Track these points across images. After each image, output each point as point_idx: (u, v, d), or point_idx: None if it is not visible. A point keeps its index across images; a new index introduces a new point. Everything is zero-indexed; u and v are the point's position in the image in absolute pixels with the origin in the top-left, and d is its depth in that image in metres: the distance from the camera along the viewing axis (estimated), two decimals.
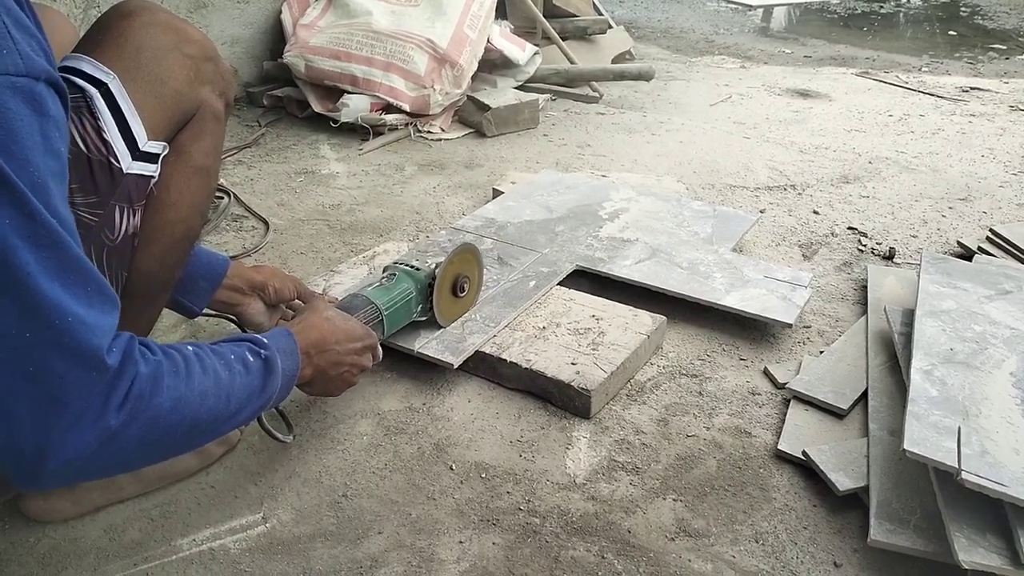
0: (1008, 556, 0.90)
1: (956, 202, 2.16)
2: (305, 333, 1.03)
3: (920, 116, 2.97)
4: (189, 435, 0.80)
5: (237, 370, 0.85)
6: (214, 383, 0.81)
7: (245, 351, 0.89)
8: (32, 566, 1.01)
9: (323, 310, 1.10)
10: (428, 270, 1.32)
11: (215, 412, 0.81)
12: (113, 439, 0.70)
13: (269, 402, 0.92)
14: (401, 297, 1.27)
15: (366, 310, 1.21)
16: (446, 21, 2.71)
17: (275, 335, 0.97)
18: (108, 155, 0.91)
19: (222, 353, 0.85)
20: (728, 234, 1.75)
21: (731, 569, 1.01)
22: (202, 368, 0.80)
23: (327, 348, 1.05)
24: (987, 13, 5.61)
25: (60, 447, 0.68)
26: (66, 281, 0.68)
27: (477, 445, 1.22)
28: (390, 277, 1.30)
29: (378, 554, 1.03)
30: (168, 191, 0.99)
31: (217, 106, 1.03)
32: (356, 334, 1.11)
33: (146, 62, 0.94)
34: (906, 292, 1.57)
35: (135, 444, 0.73)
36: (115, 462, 0.75)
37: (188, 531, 1.06)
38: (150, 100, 0.94)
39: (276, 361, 0.91)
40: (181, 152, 1.00)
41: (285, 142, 2.59)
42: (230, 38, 2.94)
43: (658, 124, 2.82)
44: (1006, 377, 1.14)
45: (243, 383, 0.86)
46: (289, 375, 0.96)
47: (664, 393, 1.35)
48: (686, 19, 5.29)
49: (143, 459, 0.79)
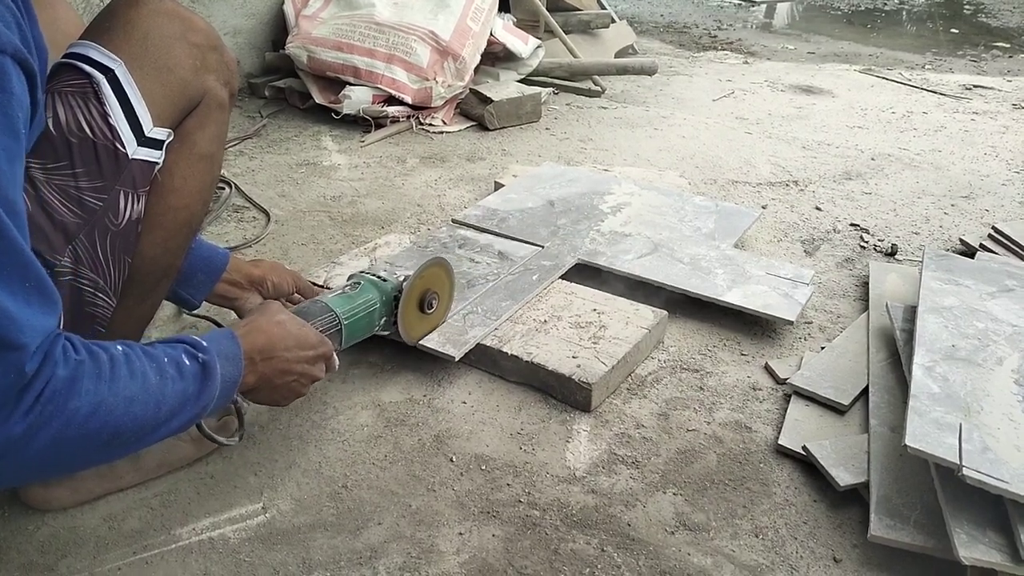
0: (1009, 552, 0.90)
1: (958, 199, 2.15)
2: (251, 337, 0.96)
3: (923, 113, 2.96)
4: (111, 443, 0.74)
5: (170, 375, 0.80)
6: (141, 388, 0.76)
7: (181, 354, 0.83)
8: (31, 554, 1.01)
9: (274, 313, 1.03)
10: (395, 282, 1.25)
11: (142, 419, 0.76)
12: (17, 446, 0.66)
13: (206, 409, 0.86)
14: (363, 308, 1.20)
15: (324, 317, 1.13)
16: (449, 13, 2.70)
17: (216, 337, 0.91)
18: (114, 140, 0.91)
19: (155, 356, 0.80)
20: (730, 230, 1.75)
21: (730, 563, 1.01)
22: (129, 371, 0.75)
23: (274, 355, 0.98)
24: (991, 11, 5.60)
25: None
26: (0, 274, 0.63)
27: (477, 437, 1.22)
28: (354, 286, 1.23)
29: (378, 545, 1.03)
30: (172, 177, 0.99)
31: (221, 95, 1.03)
32: (308, 341, 1.04)
33: (152, 49, 0.94)
34: (908, 289, 1.57)
35: (45, 451, 0.68)
36: (22, 470, 0.70)
37: (188, 520, 1.06)
38: (156, 87, 0.94)
39: (215, 366, 0.85)
40: (185, 139, 1.00)
41: (287, 133, 2.59)
42: (232, 28, 2.93)
43: (661, 119, 2.81)
44: (1008, 374, 1.14)
45: (176, 389, 0.80)
46: (229, 381, 0.89)
47: (665, 387, 1.34)
48: (689, 14, 5.28)
49: (58, 467, 0.73)
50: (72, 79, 0.90)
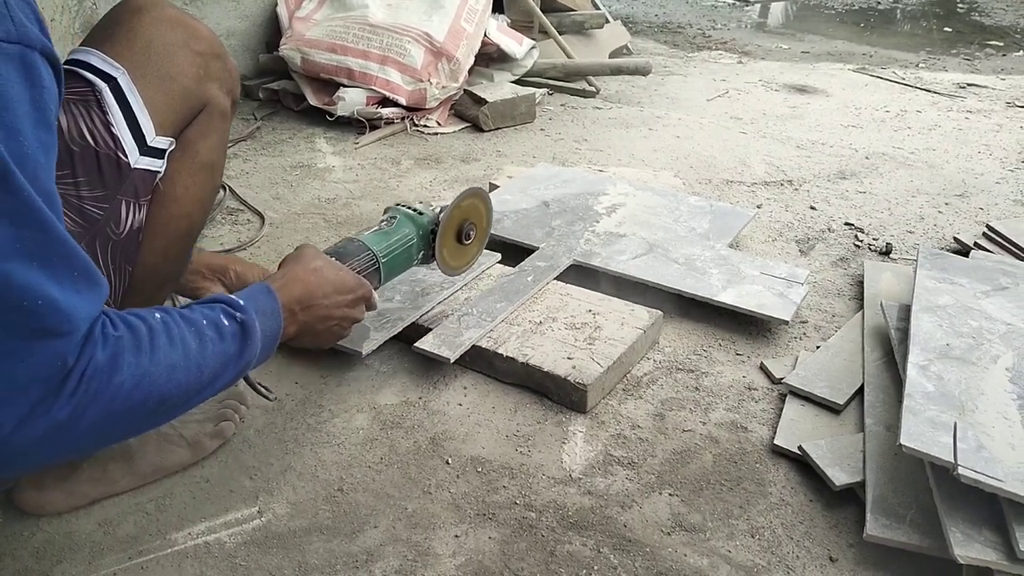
0: (1004, 551, 0.90)
1: (953, 198, 2.16)
2: (288, 288, 0.96)
3: (917, 112, 2.97)
4: (158, 410, 0.75)
5: (209, 337, 0.79)
6: (182, 354, 0.76)
7: (219, 314, 0.82)
8: (26, 560, 1.00)
9: (310, 260, 1.03)
10: (431, 215, 1.22)
11: (185, 385, 0.76)
12: (66, 428, 0.67)
13: (249, 365, 0.86)
14: (400, 244, 1.17)
15: (361, 257, 1.12)
16: (443, 15, 2.70)
17: (253, 293, 0.90)
18: (116, 149, 0.91)
19: (193, 320, 0.79)
20: (725, 229, 1.75)
21: (727, 563, 1.01)
22: (169, 339, 0.75)
23: (313, 303, 0.99)
24: (984, 9, 5.61)
25: (9, 436, 0.64)
26: (47, 263, 0.64)
27: (473, 439, 1.22)
28: (390, 220, 1.20)
29: (374, 548, 1.03)
30: (174, 186, 0.99)
31: (224, 103, 1.03)
32: (347, 285, 1.04)
33: (155, 58, 0.94)
34: (902, 288, 1.57)
35: (94, 428, 0.69)
36: (70, 447, 0.71)
37: (183, 525, 1.06)
38: (158, 96, 0.94)
39: (253, 324, 0.85)
40: (187, 148, 0.99)
41: (281, 135, 2.58)
42: (226, 31, 2.92)
43: (655, 119, 2.81)
44: (1002, 372, 1.14)
45: (216, 351, 0.80)
46: (270, 335, 0.89)
47: (660, 388, 1.34)
48: (683, 14, 5.28)
49: (110, 439, 0.75)
50: (74, 86, 0.89)
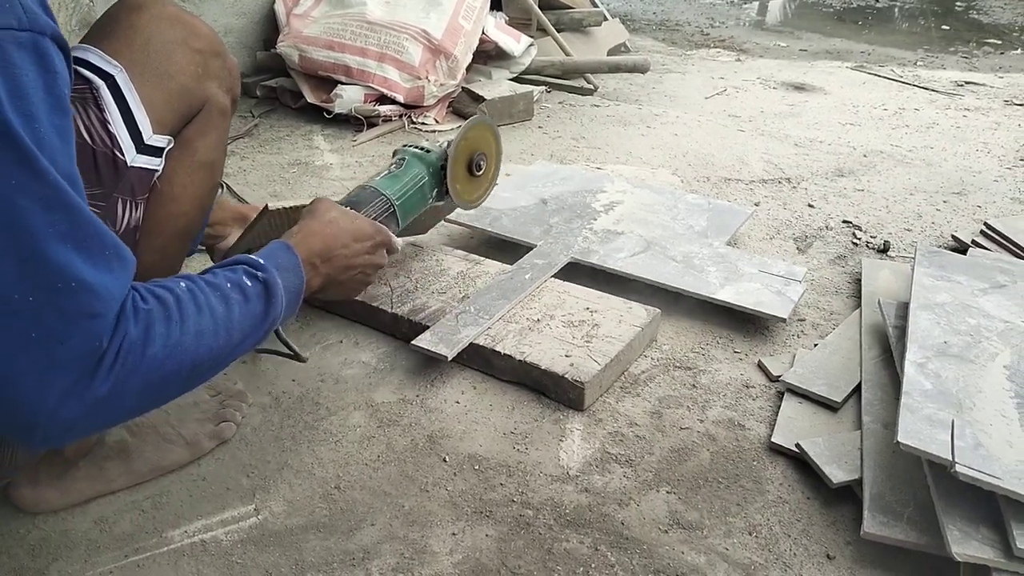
0: (1001, 549, 0.90)
1: (951, 196, 2.16)
2: (307, 242, 0.97)
3: (915, 110, 2.97)
4: (192, 375, 0.77)
5: (235, 300, 0.81)
6: (210, 320, 0.78)
7: (242, 276, 0.84)
8: (22, 557, 1.00)
9: (325, 212, 1.04)
10: (439, 151, 1.22)
11: (215, 349, 0.78)
12: (108, 403, 0.69)
13: (276, 323, 0.88)
14: (412, 184, 1.17)
15: (375, 203, 1.13)
16: (441, 12, 2.70)
17: (272, 252, 0.92)
18: (113, 147, 0.90)
19: (217, 284, 0.81)
20: (723, 227, 1.75)
21: (724, 561, 1.01)
22: (196, 307, 0.77)
23: (333, 254, 1.00)
24: (982, 8, 5.62)
25: (55, 412, 0.66)
26: (80, 244, 0.66)
27: (471, 437, 1.22)
28: (399, 162, 1.20)
29: (371, 546, 1.03)
30: (172, 185, 0.98)
31: (223, 102, 1.03)
32: (365, 232, 1.05)
33: (154, 56, 0.94)
34: (900, 285, 1.57)
35: (132, 399, 0.72)
36: (114, 418, 0.74)
37: (179, 523, 1.06)
38: (157, 94, 0.94)
39: (275, 281, 0.87)
40: (186, 147, 0.99)
41: (278, 133, 2.58)
42: (223, 28, 2.91)
43: (653, 117, 2.81)
44: (1000, 370, 1.14)
45: (242, 312, 0.82)
46: (294, 290, 0.92)
47: (658, 385, 1.34)
48: (682, 12, 5.28)
49: (148, 406, 0.78)
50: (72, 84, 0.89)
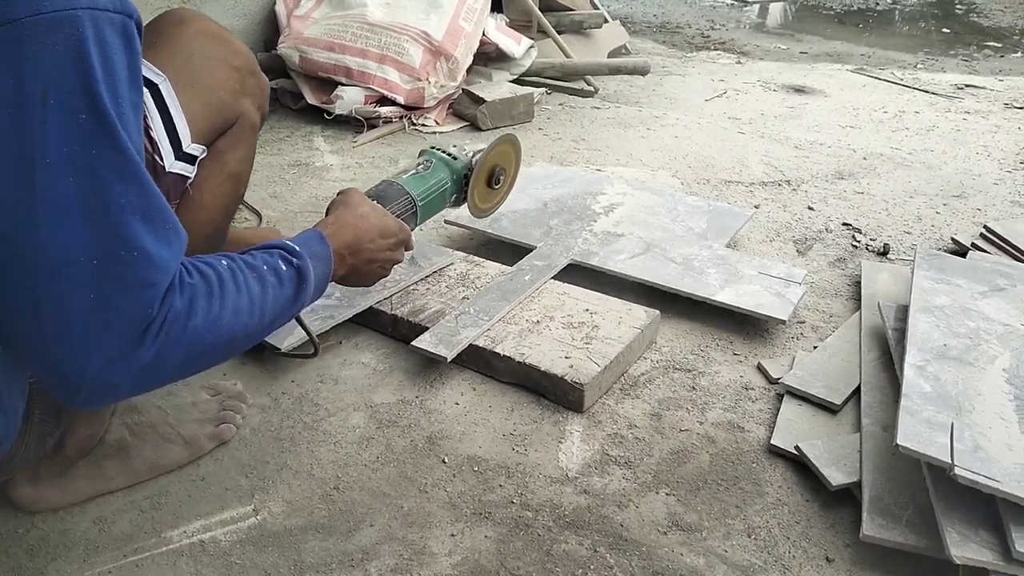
0: (1000, 552, 0.90)
1: (950, 199, 2.16)
2: (340, 234, 1.03)
3: (915, 113, 2.97)
4: (227, 349, 0.82)
5: (270, 282, 0.86)
6: (248, 299, 0.82)
7: (278, 260, 0.89)
8: (21, 557, 1.00)
9: (357, 206, 1.09)
10: (465, 159, 1.29)
11: (249, 326, 0.83)
12: (151, 369, 0.73)
13: (303, 307, 0.94)
14: (436, 188, 1.24)
15: (400, 201, 1.19)
16: (441, 14, 2.70)
17: (307, 240, 0.97)
18: (153, 152, 0.95)
19: (255, 266, 0.86)
20: (723, 229, 1.75)
21: (723, 563, 1.01)
22: (235, 285, 0.81)
23: (361, 247, 1.06)
24: (982, 11, 5.62)
25: (101, 375, 0.70)
26: (147, 217, 0.70)
27: (470, 438, 1.22)
28: (426, 164, 1.26)
29: (370, 547, 1.03)
30: (202, 193, 1.04)
31: (255, 118, 1.09)
32: (390, 230, 1.11)
33: (197, 69, 1.00)
34: (900, 288, 1.57)
35: (173, 367, 0.76)
36: (154, 384, 0.78)
37: (178, 523, 1.06)
38: (196, 105, 0.99)
39: (308, 269, 0.92)
40: (218, 157, 1.04)
41: (279, 134, 2.58)
42: None
43: (653, 119, 2.81)
44: (999, 373, 1.14)
45: (276, 295, 0.87)
46: (322, 278, 0.97)
47: (657, 387, 1.34)
48: (682, 14, 5.28)
49: (186, 374, 0.81)
50: None
